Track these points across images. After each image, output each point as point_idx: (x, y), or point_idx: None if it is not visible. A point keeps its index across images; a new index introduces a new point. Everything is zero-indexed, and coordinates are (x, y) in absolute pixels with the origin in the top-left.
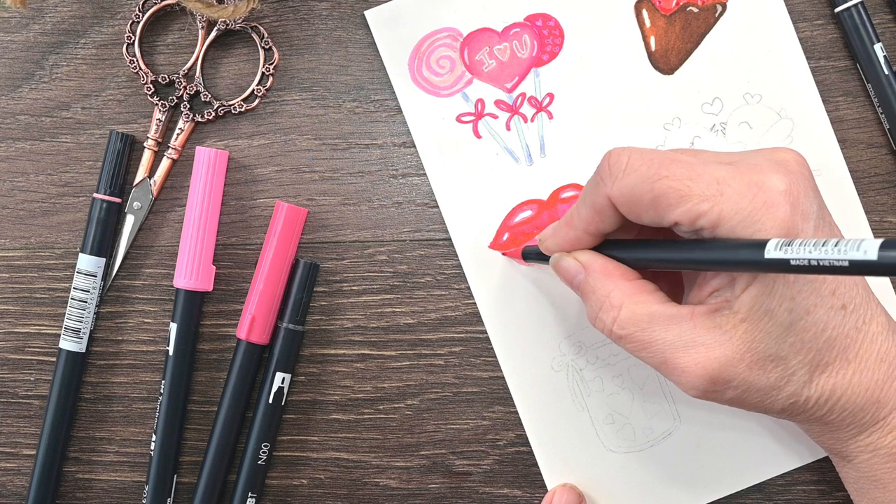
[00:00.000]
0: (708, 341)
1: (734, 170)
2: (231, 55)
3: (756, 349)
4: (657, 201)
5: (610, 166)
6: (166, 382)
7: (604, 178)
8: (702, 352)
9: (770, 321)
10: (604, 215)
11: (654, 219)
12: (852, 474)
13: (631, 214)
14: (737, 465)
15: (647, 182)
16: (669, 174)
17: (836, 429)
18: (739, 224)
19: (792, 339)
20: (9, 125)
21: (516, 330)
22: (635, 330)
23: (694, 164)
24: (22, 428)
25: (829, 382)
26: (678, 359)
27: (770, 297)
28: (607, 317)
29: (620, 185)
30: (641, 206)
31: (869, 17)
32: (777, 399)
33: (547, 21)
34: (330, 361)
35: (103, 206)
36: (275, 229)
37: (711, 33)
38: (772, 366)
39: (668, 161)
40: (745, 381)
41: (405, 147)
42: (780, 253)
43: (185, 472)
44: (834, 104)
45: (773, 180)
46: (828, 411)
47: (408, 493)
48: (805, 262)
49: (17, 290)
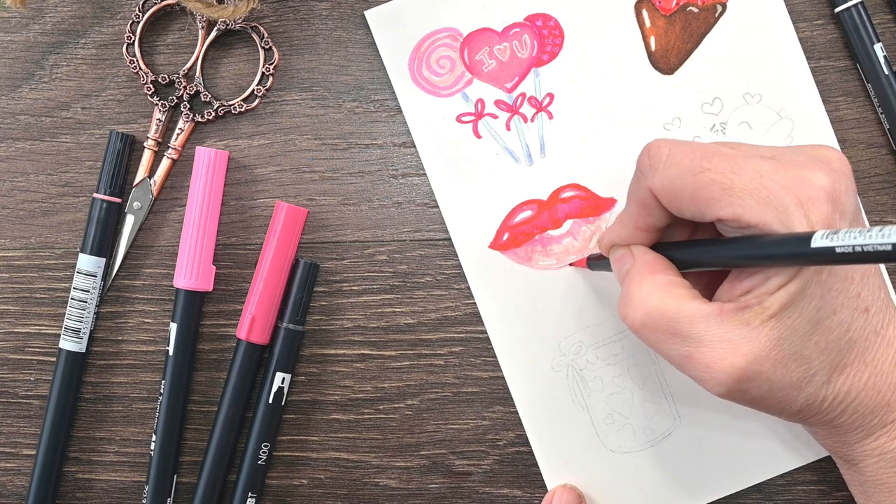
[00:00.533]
0: (735, 338)
1: (776, 164)
2: (231, 55)
3: (782, 346)
4: (698, 194)
5: (650, 159)
6: (166, 382)
7: (644, 171)
8: (728, 348)
9: (798, 319)
10: (649, 209)
11: (695, 213)
12: (858, 478)
13: (672, 207)
14: (737, 465)
15: (688, 174)
16: (711, 167)
17: (844, 432)
18: (780, 219)
19: (816, 339)
20: (9, 125)
21: (516, 330)
22: (662, 321)
23: (736, 157)
24: (22, 428)
25: (846, 384)
26: (703, 354)
27: (802, 295)
28: (633, 305)
29: (661, 178)
30: (682, 200)
31: (869, 17)
32: (797, 399)
33: (547, 21)
34: (330, 361)
35: (103, 206)
36: (275, 229)
37: (711, 33)
38: (795, 364)
39: (710, 154)
40: (770, 379)
41: (405, 147)
42: (826, 241)
43: (185, 472)
44: (834, 104)
45: (816, 177)
46: (840, 413)
47: (408, 493)
48: (850, 249)
49: (17, 290)
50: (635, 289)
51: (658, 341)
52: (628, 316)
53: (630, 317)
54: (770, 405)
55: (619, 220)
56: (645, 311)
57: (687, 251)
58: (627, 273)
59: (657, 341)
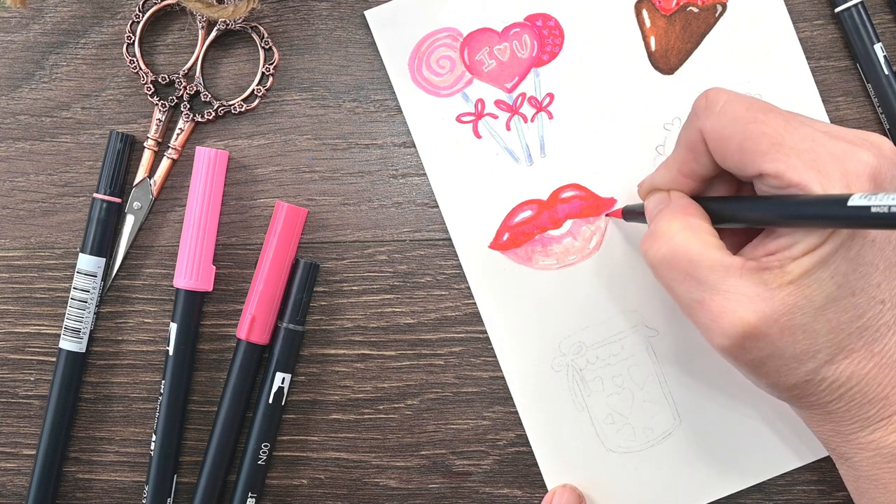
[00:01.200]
0: (750, 293)
1: (829, 135)
2: (231, 55)
3: (794, 314)
4: (747, 143)
5: (707, 101)
6: (166, 382)
7: (699, 112)
8: (742, 301)
9: (816, 290)
10: (696, 154)
11: (739, 163)
12: (852, 474)
13: (719, 154)
14: (737, 465)
15: (741, 122)
16: (766, 120)
17: (838, 420)
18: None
19: (829, 316)
20: (9, 125)
21: (516, 330)
22: (683, 261)
23: (790, 118)
24: (22, 428)
25: (848, 369)
26: (715, 302)
27: (825, 267)
28: (659, 239)
29: (714, 121)
30: (731, 147)
31: (869, 17)
32: (795, 372)
33: (547, 21)
34: (330, 361)
35: (103, 206)
36: (275, 229)
37: (711, 33)
38: (802, 336)
39: (767, 108)
40: (774, 343)
41: (405, 147)
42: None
43: (185, 472)
44: (834, 104)
45: (864, 154)
46: (837, 398)
47: (408, 493)
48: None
49: (17, 290)
50: (665, 224)
51: (674, 280)
52: (650, 249)
53: (653, 250)
54: (768, 372)
55: (664, 165)
56: (669, 247)
57: (722, 205)
58: (660, 212)
59: (673, 280)
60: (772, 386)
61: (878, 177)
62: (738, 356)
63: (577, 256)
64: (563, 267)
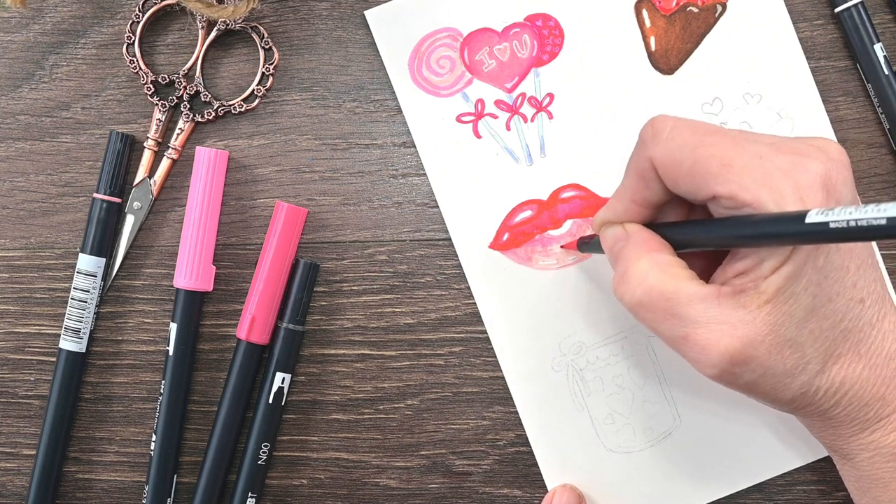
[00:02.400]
0: (731, 320)
1: (776, 149)
2: (231, 55)
3: (777, 332)
4: (697, 167)
5: (654, 129)
6: (166, 382)
7: (646, 141)
8: (725, 330)
9: (794, 304)
10: (647, 181)
11: (691, 187)
12: (853, 473)
13: (670, 180)
14: (737, 465)
15: (689, 147)
16: (713, 142)
17: (838, 424)
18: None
19: (812, 326)
20: (9, 125)
21: (516, 330)
22: (658, 300)
23: (737, 137)
24: (22, 428)
25: (839, 374)
26: (699, 335)
27: (797, 280)
28: (631, 283)
29: (662, 149)
30: (681, 172)
31: (869, 17)
32: (790, 387)
33: (547, 21)
34: (330, 361)
35: (103, 206)
36: (275, 229)
37: (711, 33)
38: (789, 351)
39: (713, 130)
40: (763, 364)
41: (405, 147)
42: (821, 217)
43: (185, 472)
44: (834, 104)
45: (813, 164)
46: (834, 404)
47: (408, 493)
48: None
49: (17, 290)
50: (633, 266)
51: (654, 321)
52: (626, 294)
53: (628, 295)
54: (763, 391)
55: (615, 196)
56: (643, 289)
57: (681, 230)
58: (622, 250)
59: (653, 321)
60: (770, 402)
61: (828, 183)
62: (731, 381)
63: (577, 256)
64: (563, 267)
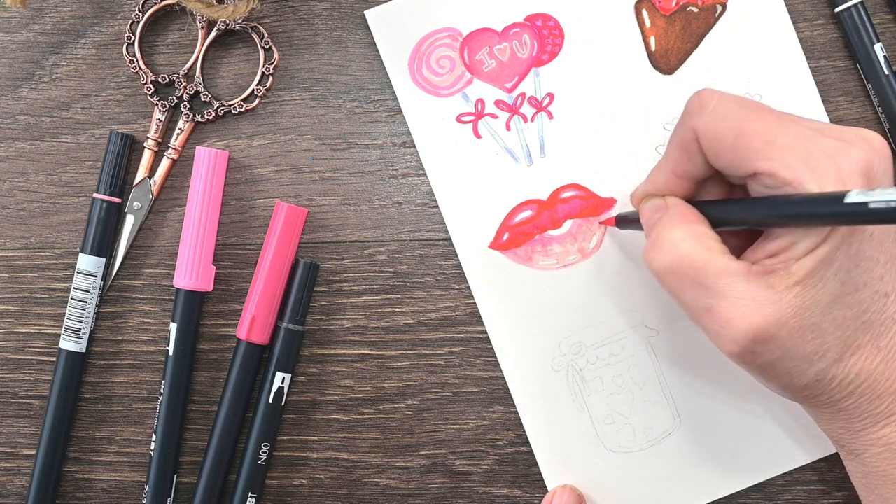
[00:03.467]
0: (759, 297)
1: (820, 132)
2: (231, 55)
3: (802, 315)
4: (741, 141)
5: (700, 100)
6: (166, 382)
7: (692, 112)
8: (751, 307)
9: (822, 289)
10: (689, 154)
11: (733, 162)
12: (861, 470)
13: (713, 153)
14: (737, 464)
15: (734, 120)
16: (759, 118)
17: (848, 417)
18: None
19: (836, 314)
20: (9, 125)
21: (516, 330)
22: (690, 269)
23: (783, 116)
24: (22, 428)
25: (857, 365)
26: (725, 309)
27: (828, 265)
28: (664, 247)
29: (708, 120)
30: (724, 145)
31: (869, 17)
32: (806, 373)
33: (547, 21)
34: (330, 361)
35: (103, 206)
36: (275, 229)
37: (711, 33)
38: (811, 336)
39: (759, 107)
40: (784, 345)
41: (405, 147)
42: (861, 197)
43: (185, 472)
44: (834, 104)
45: (856, 150)
46: (847, 395)
47: (408, 493)
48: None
49: (17, 290)
50: (667, 233)
51: (681, 289)
52: (656, 259)
53: (658, 260)
54: (779, 374)
55: (656, 168)
56: (674, 256)
57: (720, 207)
58: (659, 220)
59: (679, 288)
60: (783, 388)
61: (869, 171)
62: (749, 360)
63: (577, 256)
64: (563, 267)
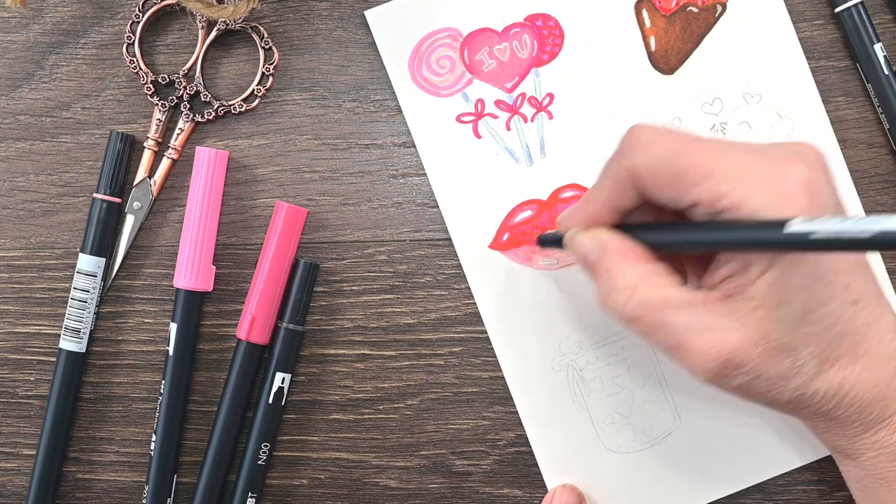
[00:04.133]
0: (723, 326)
1: (756, 157)
2: (231, 55)
3: (770, 337)
4: (679, 177)
5: (634, 139)
6: (166, 382)
7: (626, 150)
8: (717, 336)
9: (785, 310)
10: (623, 189)
11: (672, 196)
12: (857, 473)
13: (650, 189)
14: (737, 465)
15: (671, 157)
16: (695, 151)
17: (841, 425)
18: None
19: (805, 330)
20: (9, 125)
21: (516, 330)
22: (649, 312)
23: (718, 146)
24: (22, 428)
25: (837, 376)
26: (692, 343)
27: (785, 286)
28: (620, 298)
29: (644, 158)
30: (662, 182)
31: (869, 17)
32: (784, 390)
33: (547, 21)
34: (330, 361)
35: (103, 206)
36: (275, 229)
37: (711, 33)
38: (783, 355)
39: (694, 140)
40: (756, 368)
41: (405, 147)
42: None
43: (185, 472)
44: (834, 104)
45: (793, 170)
46: (835, 406)
47: (408, 493)
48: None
49: (17, 290)
50: (618, 280)
51: (647, 333)
52: (616, 310)
53: (619, 310)
54: (757, 394)
55: (586, 199)
56: (634, 304)
57: (660, 234)
58: (599, 262)
59: (646, 333)
60: (766, 404)
61: (811, 188)
62: (724, 385)
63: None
64: (563, 267)
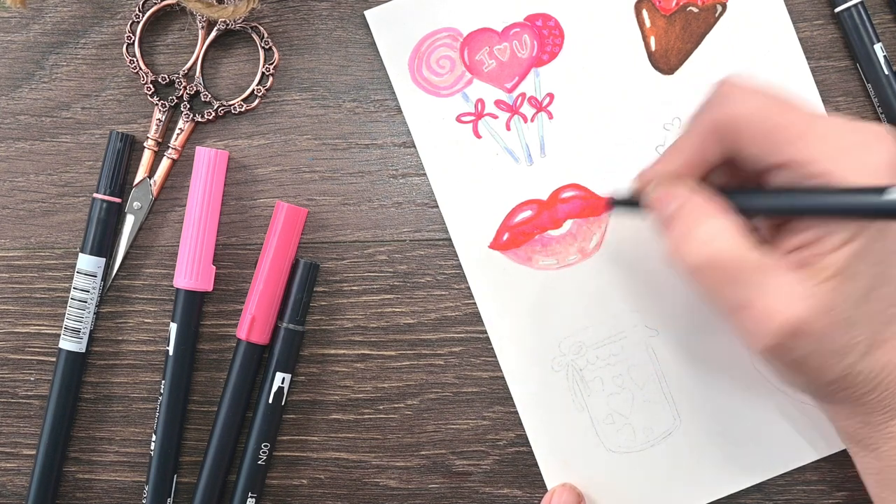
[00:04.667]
0: (794, 292)
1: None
2: (231, 55)
3: (837, 309)
4: (771, 133)
5: (730, 87)
6: (166, 382)
7: (720, 100)
8: (787, 301)
9: (855, 283)
10: (710, 142)
11: (761, 153)
12: (875, 465)
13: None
14: (737, 464)
15: (765, 112)
16: (788, 110)
17: (869, 411)
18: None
19: (867, 307)
20: (9, 125)
21: (516, 330)
22: (722, 266)
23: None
24: (22, 428)
25: (883, 358)
26: (759, 304)
27: (862, 259)
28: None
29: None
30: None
31: (869, 17)
32: (835, 368)
33: (547, 21)
34: (330, 361)
35: (103, 206)
36: (275, 229)
37: (711, 33)
38: (844, 330)
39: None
40: (818, 340)
41: (405, 147)
42: None
43: (185, 472)
44: (834, 104)
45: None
46: (871, 389)
47: (408, 493)
48: None
49: (17, 290)
50: (697, 228)
51: (714, 287)
52: (688, 256)
53: (690, 257)
54: (809, 369)
55: (669, 154)
56: (709, 252)
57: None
58: (681, 209)
59: (714, 286)
60: (809, 383)
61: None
62: (782, 356)
63: (577, 256)
64: (562, 267)
